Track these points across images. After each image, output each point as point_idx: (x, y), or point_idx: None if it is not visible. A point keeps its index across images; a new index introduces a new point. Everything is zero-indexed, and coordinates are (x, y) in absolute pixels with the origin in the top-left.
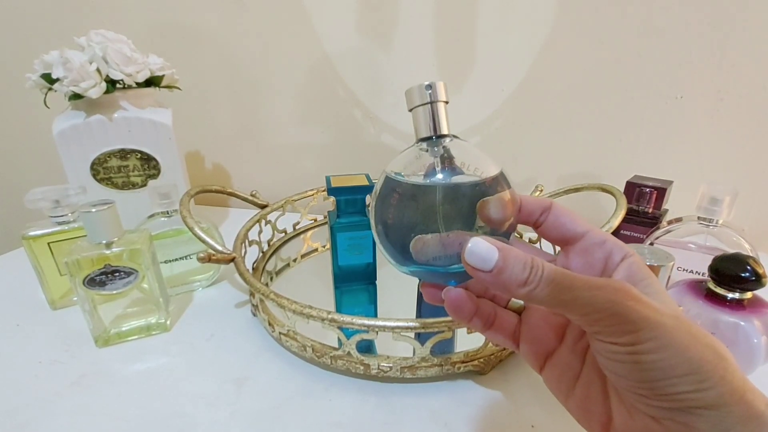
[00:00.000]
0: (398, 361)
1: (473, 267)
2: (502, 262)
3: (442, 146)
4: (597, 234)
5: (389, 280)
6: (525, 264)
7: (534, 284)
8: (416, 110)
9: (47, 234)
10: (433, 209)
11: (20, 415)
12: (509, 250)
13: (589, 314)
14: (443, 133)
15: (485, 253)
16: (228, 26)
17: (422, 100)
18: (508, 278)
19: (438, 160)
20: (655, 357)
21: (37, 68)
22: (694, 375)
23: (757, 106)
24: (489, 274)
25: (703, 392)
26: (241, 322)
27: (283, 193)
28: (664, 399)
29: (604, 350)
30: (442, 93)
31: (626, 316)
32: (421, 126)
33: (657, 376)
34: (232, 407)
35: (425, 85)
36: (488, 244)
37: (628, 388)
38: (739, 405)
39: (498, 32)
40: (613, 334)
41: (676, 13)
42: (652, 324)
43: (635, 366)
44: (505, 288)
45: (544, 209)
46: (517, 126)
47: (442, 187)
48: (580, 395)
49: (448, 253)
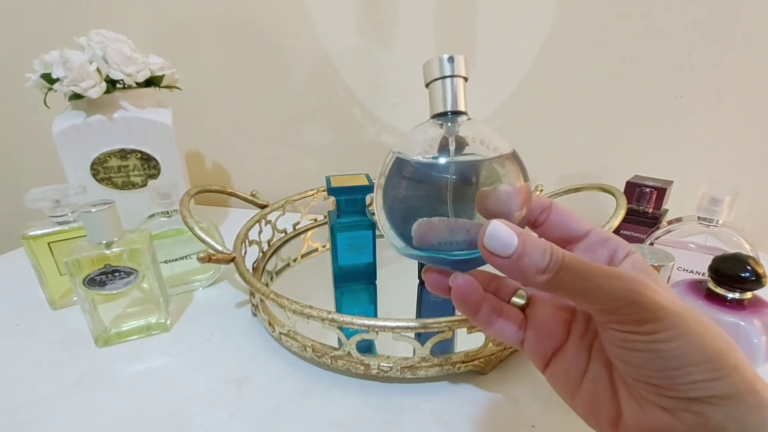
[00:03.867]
0: (398, 361)
1: (492, 252)
2: (522, 248)
3: (458, 124)
4: (600, 232)
5: (389, 280)
6: (545, 250)
7: (554, 271)
8: (434, 84)
9: (47, 234)
10: (443, 190)
11: (20, 415)
12: (528, 235)
13: (609, 303)
14: (461, 110)
15: (506, 238)
16: (228, 26)
17: (441, 73)
18: (527, 264)
19: (452, 138)
20: (673, 345)
21: (37, 68)
22: (710, 363)
23: (757, 106)
24: (508, 260)
25: (717, 381)
26: (241, 322)
27: (283, 193)
28: (680, 388)
29: (619, 340)
30: (462, 68)
31: (646, 305)
32: (438, 101)
33: (674, 364)
34: (232, 407)
35: (447, 57)
36: (508, 228)
37: (642, 379)
38: (751, 394)
39: (498, 32)
40: (632, 323)
41: (677, 13)
42: (670, 313)
43: (652, 354)
44: (524, 275)
45: (544, 208)
46: (517, 126)
47: (454, 167)
48: (587, 392)
49: (455, 239)
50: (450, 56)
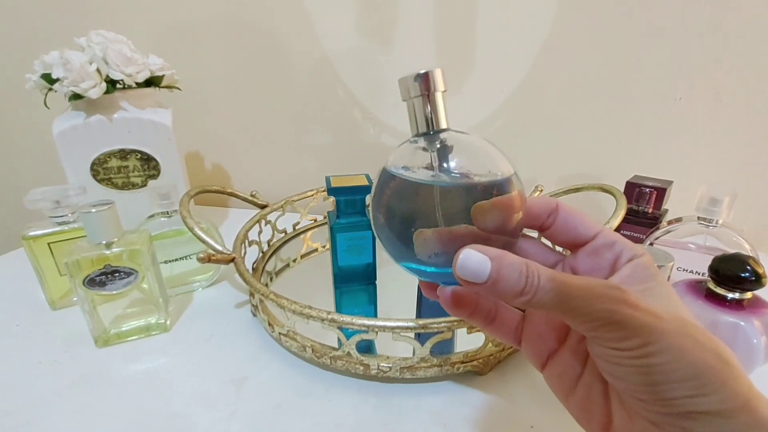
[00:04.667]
0: (398, 361)
1: (466, 281)
2: (496, 274)
3: (440, 142)
4: (608, 235)
5: (389, 280)
6: (521, 273)
7: (531, 294)
8: (410, 102)
9: (47, 234)
10: (431, 207)
11: (20, 415)
12: (503, 258)
13: (587, 323)
14: (441, 128)
15: (477, 266)
16: (228, 26)
17: (416, 92)
18: (503, 289)
19: (435, 155)
20: (653, 361)
21: (37, 69)
22: (695, 380)
23: (756, 107)
24: (483, 286)
25: (703, 397)
26: (240, 322)
27: (283, 193)
28: (663, 404)
29: (603, 354)
30: (439, 82)
31: (624, 324)
32: (417, 119)
33: (657, 380)
34: (232, 407)
35: (418, 74)
36: (480, 255)
37: (627, 392)
38: (743, 411)
39: (498, 32)
40: (612, 341)
41: (676, 14)
42: (650, 329)
43: (634, 370)
44: (502, 298)
45: (551, 211)
46: (517, 126)
47: (438, 187)
48: (581, 396)
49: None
50: (420, 73)
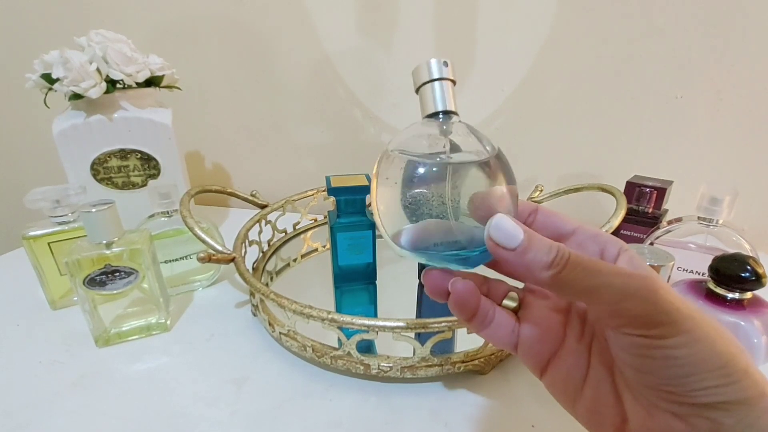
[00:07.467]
0: (398, 361)
1: (497, 243)
2: (527, 242)
3: (452, 123)
4: (587, 229)
5: (389, 280)
6: (550, 247)
7: (560, 266)
8: (428, 86)
9: (47, 234)
10: (441, 189)
11: (20, 415)
12: (533, 232)
13: (619, 302)
14: (453, 110)
15: (511, 230)
16: (228, 26)
17: (440, 74)
18: (532, 259)
19: (447, 138)
20: (687, 351)
21: (37, 68)
22: (723, 369)
23: (756, 106)
24: (513, 252)
25: (730, 386)
26: (241, 322)
27: (283, 193)
28: (693, 395)
29: (629, 345)
30: (452, 72)
31: (660, 305)
32: (434, 101)
33: (688, 371)
34: (232, 407)
35: (441, 60)
36: (513, 222)
37: (653, 386)
38: (762, 398)
39: (498, 32)
40: (644, 326)
41: (676, 13)
42: (684, 316)
43: (666, 362)
44: (528, 270)
45: (532, 210)
46: (517, 126)
47: (452, 167)
48: (589, 398)
49: (451, 239)
50: (444, 60)
